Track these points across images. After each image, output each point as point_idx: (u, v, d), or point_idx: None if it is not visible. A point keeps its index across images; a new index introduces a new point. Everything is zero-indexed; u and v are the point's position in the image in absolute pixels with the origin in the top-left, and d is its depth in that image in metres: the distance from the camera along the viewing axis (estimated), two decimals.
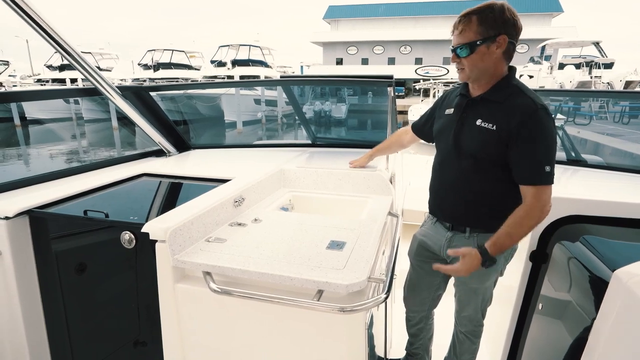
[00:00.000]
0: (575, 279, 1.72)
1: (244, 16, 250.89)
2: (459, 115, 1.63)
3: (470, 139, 1.58)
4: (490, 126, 1.51)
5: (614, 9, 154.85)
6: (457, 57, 1.53)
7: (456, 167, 1.64)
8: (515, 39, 1.49)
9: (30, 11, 1.78)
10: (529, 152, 1.46)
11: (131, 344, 2.18)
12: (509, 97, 1.51)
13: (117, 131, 14.75)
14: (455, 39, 1.51)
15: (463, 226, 1.68)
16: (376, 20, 41.22)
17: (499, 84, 1.55)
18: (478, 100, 1.58)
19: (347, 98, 20.08)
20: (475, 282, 1.73)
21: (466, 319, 1.85)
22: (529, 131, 1.44)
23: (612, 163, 2.68)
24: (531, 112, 1.44)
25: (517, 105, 1.47)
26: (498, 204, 1.60)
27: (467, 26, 1.47)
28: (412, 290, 2.00)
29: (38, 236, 1.73)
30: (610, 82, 16.06)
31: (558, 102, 10.81)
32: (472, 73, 1.54)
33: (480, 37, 1.46)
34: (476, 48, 1.47)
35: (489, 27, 1.45)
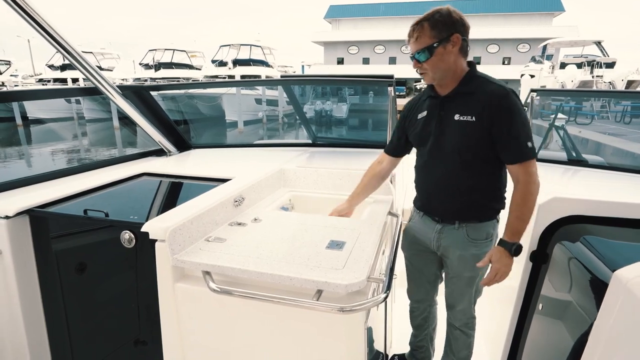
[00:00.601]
0: (575, 279, 1.71)
1: (243, 15, 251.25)
2: (436, 115, 1.69)
3: (452, 135, 1.63)
4: (470, 118, 1.58)
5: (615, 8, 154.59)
6: (418, 63, 1.61)
7: (441, 165, 1.69)
8: (467, 36, 1.59)
9: (31, 11, 1.79)
10: (511, 134, 1.54)
11: (131, 343, 2.18)
12: (478, 87, 1.59)
13: (119, 131, 14.78)
14: (413, 46, 1.60)
15: (452, 219, 1.73)
16: (377, 20, 41.19)
17: (464, 78, 1.63)
18: (451, 96, 1.65)
19: (348, 98, 20.07)
20: (469, 271, 1.75)
21: (461, 312, 1.87)
22: (506, 114, 1.53)
23: (613, 163, 2.67)
24: (503, 97, 1.53)
25: (489, 93, 1.55)
26: (484, 195, 1.68)
27: (421, 32, 1.56)
28: (412, 282, 2.04)
29: (38, 235, 1.73)
30: (612, 82, 16.00)
31: (559, 102, 10.78)
32: (435, 74, 1.62)
33: (436, 39, 1.55)
34: (434, 50, 1.56)
35: (441, 29, 1.55)
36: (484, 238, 1.72)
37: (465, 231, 1.71)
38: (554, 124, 3.82)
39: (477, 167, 1.63)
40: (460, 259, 1.74)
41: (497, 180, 1.67)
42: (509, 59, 39.12)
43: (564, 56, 21.44)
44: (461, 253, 1.73)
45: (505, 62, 39.16)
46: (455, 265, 1.77)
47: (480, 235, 1.71)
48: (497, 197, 1.70)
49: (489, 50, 39.90)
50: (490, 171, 1.64)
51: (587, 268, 1.62)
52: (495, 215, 1.74)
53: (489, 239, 1.73)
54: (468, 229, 1.71)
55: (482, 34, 38.89)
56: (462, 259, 1.73)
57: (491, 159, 1.61)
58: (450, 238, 1.75)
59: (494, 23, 39.61)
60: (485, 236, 1.72)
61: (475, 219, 1.70)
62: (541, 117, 9.78)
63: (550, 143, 3.74)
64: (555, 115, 5.10)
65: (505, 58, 39.33)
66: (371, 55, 40.87)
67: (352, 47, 41.35)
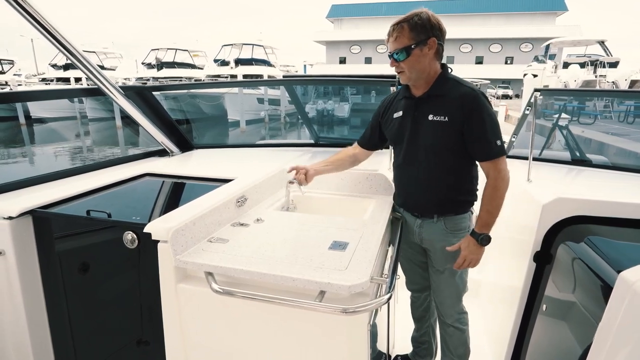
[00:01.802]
0: (579, 280, 1.70)
1: (244, 16, 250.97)
2: (411, 115, 1.77)
3: (426, 134, 1.71)
4: (442, 118, 1.67)
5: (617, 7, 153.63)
6: (395, 62, 1.68)
7: (417, 163, 1.77)
8: (443, 40, 1.68)
9: (33, 11, 1.79)
10: (480, 133, 1.63)
11: (134, 343, 2.18)
12: (450, 89, 1.68)
13: (121, 130, 14.80)
14: (392, 45, 1.67)
15: (430, 214, 1.81)
16: (379, 19, 41.14)
17: (437, 80, 1.71)
18: (424, 98, 1.73)
19: (350, 97, 20.04)
20: (451, 261, 1.81)
21: (450, 307, 1.92)
22: (476, 115, 1.62)
23: (617, 163, 2.65)
24: (473, 99, 1.62)
25: (460, 96, 1.64)
26: (458, 190, 1.77)
27: (401, 33, 1.64)
28: (407, 272, 2.13)
29: (41, 236, 1.73)
30: (615, 81, 15.92)
31: (562, 102, 10.73)
32: (411, 74, 1.69)
33: (414, 41, 1.63)
34: (411, 51, 1.64)
35: (420, 32, 1.62)
36: (461, 229, 1.81)
37: (443, 223, 1.80)
38: (557, 123, 3.80)
39: (450, 164, 1.73)
40: (442, 251, 1.82)
41: (469, 175, 1.77)
42: (511, 58, 39.02)
43: (567, 56, 21.38)
44: (443, 244, 1.81)
45: (507, 62, 39.07)
46: (439, 257, 1.85)
47: (457, 226, 1.80)
48: (470, 191, 1.80)
49: (491, 49, 39.81)
50: (462, 167, 1.74)
51: (592, 269, 1.61)
52: (468, 207, 1.83)
53: (466, 229, 1.81)
54: (446, 222, 1.80)
55: (484, 34, 38.80)
56: (443, 250, 1.81)
57: (463, 156, 1.70)
58: (430, 231, 1.83)
59: (496, 22, 39.51)
60: (463, 227, 1.81)
61: (452, 212, 1.79)
62: (544, 116, 9.74)
63: (554, 143, 3.72)
64: (559, 115, 5.07)
65: (508, 57, 39.24)
66: (373, 55, 40.85)
67: (354, 46, 41.34)
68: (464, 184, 1.78)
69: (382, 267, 1.60)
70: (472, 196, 1.81)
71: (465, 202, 1.80)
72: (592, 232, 1.76)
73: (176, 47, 25.53)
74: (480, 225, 1.70)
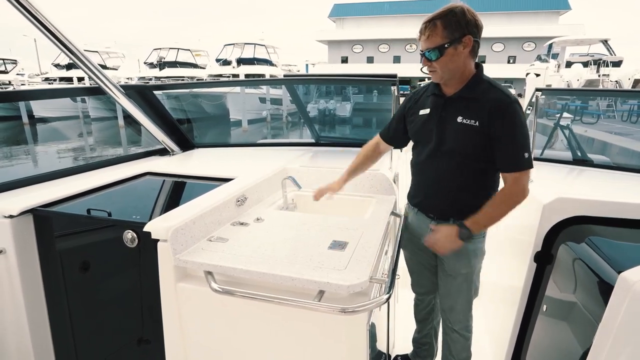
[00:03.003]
0: (580, 280, 1.70)
1: (247, 15, 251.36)
2: (438, 114, 1.69)
3: (453, 136, 1.64)
4: (473, 122, 1.58)
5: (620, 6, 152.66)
6: (428, 61, 1.60)
7: (439, 164, 1.70)
8: (479, 37, 1.57)
9: (35, 11, 1.79)
10: (509, 143, 1.55)
11: (135, 342, 2.19)
12: (483, 92, 1.59)
13: (124, 129, 14.84)
14: (424, 43, 1.58)
15: (447, 217, 1.74)
16: (381, 19, 41.09)
17: (471, 81, 1.62)
18: (455, 98, 1.65)
19: (352, 97, 20.04)
20: (465, 266, 1.76)
21: (460, 313, 1.86)
22: (507, 123, 1.54)
23: (619, 163, 2.64)
24: (507, 106, 1.53)
25: (493, 100, 1.55)
26: (480, 196, 1.67)
27: (433, 31, 1.54)
28: (415, 274, 2.07)
29: (42, 234, 1.74)
30: (618, 81, 15.85)
31: (565, 101, 10.70)
32: (444, 74, 1.61)
33: (447, 40, 1.53)
34: (445, 51, 1.54)
35: (454, 30, 1.52)
36: (476, 236, 1.72)
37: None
38: (559, 123, 3.80)
39: (474, 169, 1.65)
40: (456, 255, 1.73)
41: (491, 181, 1.70)
42: (514, 57, 38.90)
43: (570, 55, 21.28)
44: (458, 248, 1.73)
45: (510, 61, 38.95)
46: (452, 263, 1.78)
47: None
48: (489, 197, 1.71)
49: (494, 48, 39.68)
50: (485, 173, 1.67)
51: (592, 269, 1.60)
52: None
53: (482, 235, 1.75)
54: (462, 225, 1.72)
55: (487, 33, 38.49)
56: (457, 254, 1.73)
57: (488, 162, 1.63)
58: None
59: (499, 21, 39.37)
60: (478, 234, 1.73)
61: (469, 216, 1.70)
62: (546, 116, 9.71)
63: (556, 142, 3.71)
64: (561, 115, 5.06)
65: (511, 57, 39.12)
66: (375, 54, 40.79)
67: (356, 46, 41.29)
68: (485, 191, 1.68)
69: (382, 267, 1.60)
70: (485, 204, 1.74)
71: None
72: (593, 232, 1.75)
73: (178, 46, 25.60)
74: (472, 222, 1.62)
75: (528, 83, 18.08)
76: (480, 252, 1.78)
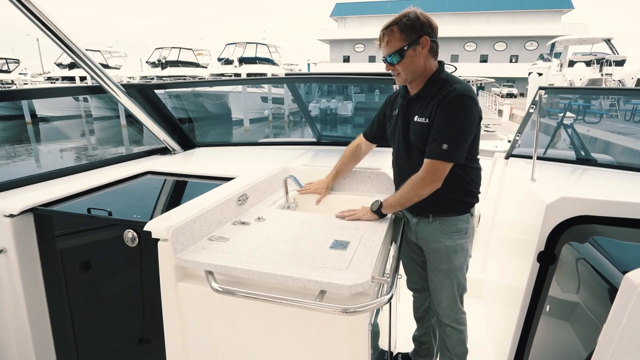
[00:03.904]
0: (584, 281, 1.68)
1: (251, 15, 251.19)
2: (402, 115, 1.79)
3: (413, 135, 1.73)
4: (424, 120, 1.67)
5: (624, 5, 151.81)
6: (390, 65, 1.68)
7: (409, 162, 1.77)
8: (435, 37, 1.66)
9: (36, 10, 1.79)
10: (436, 130, 1.62)
11: (136, 341, 2.18)
12: (439, 90, 1.65)
13: (126, 128, 14.87)
14: (385, 49, 1.67)
15: (426, 213, 1.80)
16: (383, 18, 40.73)
17: (430, 80, 1.70)
18: (415, 99, 1.74)
19: (353, 96, 20.01)
20: (445, 262, 1.80)
21: (447, 308, 1.89)
22: (442, 113, 1.60)
23: (622, 162, 2.62)
24: (450, 98, 1.59)
25: (442, 95, 1.62)
26: (452, 191, 1.72)
27: (391, 36, 1.62)
28: (408, 271, 2.12)
29: (42, 233, 1.73)
30: (621, 80, 15.80)
31: (568, 100, 10.65)
32: (407, 76, 1.69)
33: (406, 42, 1.61)
34: (404, 53, 1.63)
35: (410, 32, 1.61)
36: (457, 231, 1.78)
37: (438, 224, 1.78)
38: (562, 122, 3.78)
39: None
40: (435, 251, 1.81)
41: (466, 176, 1.73)
42: (516, 56, 38.81)
43: (572, 54, 21.24)
44: (436, 245, 1.79)
45: (512, 60, 38.86)
46: (432, 258, 1.84)
47: (452, 228, 1.77)
48: (468, 192, 1.76)
49: (496, 48, 39.60)
50: (456, 168, 1.67)
51: (596, 270, 1.59)
52: (467, 209, 1.79)
53: (462, 231, 1.79)
54: (441, 222, 1.77)
55: (489, 32, 38.57)
56: (437, 251, 1.80)
57: None
58: (425, 230, 1.82)
59: (501, 20, 39.27)
60: (459, 229, 1.77)
61: (448, 212, 1.76)
62: (549, 115, 9.68)
63: (559, 142, 3.69)
64: (564, 114, 5.03)
65: (513, 56, 39.03)
66: (377, 53, 40.62)
67: (358, 45, 41.28)
68: (460, 185, 1.73)
69: (383, 267, 1.59)
70: (470, 197, 1.78)
71: (462, 202, 1.77)
72: (597, 232, 1.74)
73: (180, 45, 25.61)
74: (387, 204, 1.71)
75: (530, 82, 18.02)
76: (460, 249, 1.80)
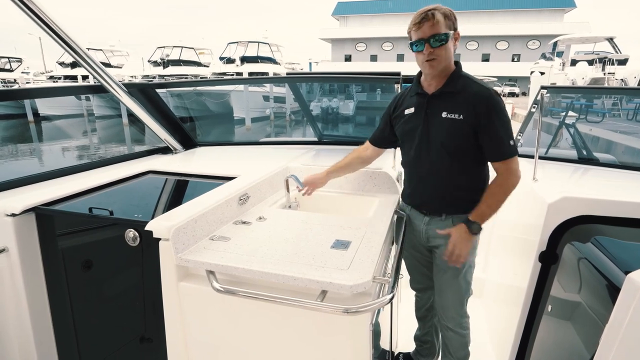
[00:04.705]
0: (586, 281, 1.68)
1: (250, 14, 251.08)
2: (423, 112, 1.74)
3: (439, 131, 1.68)
4: (457, 116, 1.64)
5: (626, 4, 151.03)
6: (430, 47, 1.59)
7: (428, 160, 1.74)
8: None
9: (38, 9, 1.79)
10: (495, 133, 1.61)
11: (137, 340, 2.19)
12: (464, 87, 1.65)
13: (128, 127, 14.89)
14: (429, 29, 1.57)
15: (439, 212, 1.79)
16: (385, 17, 40.96)
17: (452, 76, 1.68)
18: (437, 95, 1.70)
19: (355, 95, 19.99)
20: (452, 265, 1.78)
21: (451, 310, 1.88)
22: (490, 114, 1.59)
23: (625, 161, 2.61)
24: (488, 98, 1.60)
25: (475, 94, 1.62)
26: (468, 190, 1.73)
27: (437, 19, 1.57)
28: (412, 271, 2.10)
29: (44, 233, 1.74)
30: (624, 79, 15.74)
31: (570, 99, 10.61)
32: (442, 63, 1.63)
33: (449, 30, 1.59)
34: (448, 38, 1.59)
35: (450, 22, 1.60)
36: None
37: (451, 222, 1.76)
38: (564, 121, 3.76)
39: (462, 163, 1.69)
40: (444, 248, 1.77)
41: (481, 175, 1.74)
42: (518, 55, 38.69)
43: (575, 53, 21.15)
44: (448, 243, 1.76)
45: (514, 59, 38.75)
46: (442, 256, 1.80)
47: None
48: (481, 191, 1.74)
49: (498, 47, 39.48)
50: (474, 166, 1.71)
51: (598, 269, 1.59)
52: None
53: None
54: (454, 221, 1.75)
55: (491, 31, 38.45)
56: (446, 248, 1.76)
57: (475, 154, 1.68)
58: (437, 229, 1.80)
59: (503, 19, 39.15)
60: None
61: (461, 211, 1.73)
62: (551, 114, 9.65)
63: (561, 141, 3.68)
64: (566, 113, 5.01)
65: (515, 55, 38.91)
66: (379, 52, 40.70)
67: (359, 44, 41.21)
68: (475, 183, 1.73)
69: (385, 267, 1.58)
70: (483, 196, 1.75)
71: (475, 201, 1.73)
72: (599, 232, 1.73)
73: (182, 44, 25.60)
74: (476, 215, 1.67)
75: (532, 81, 17.97)
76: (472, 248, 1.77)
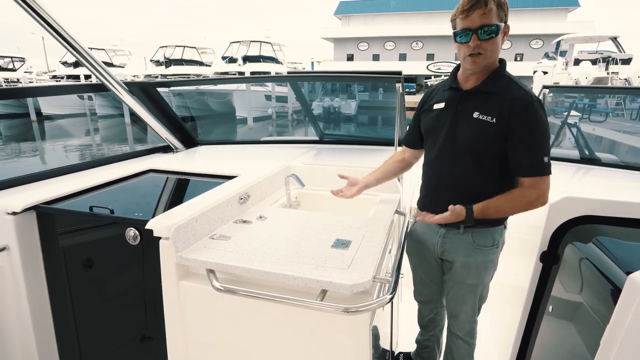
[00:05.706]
0: (587, 281, 1.67)
1: (253, 13, 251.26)
2: (453, 108, 1.57)
3: (467, 132, 1.52)
4: (489, 118, 1.47)
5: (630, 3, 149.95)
6: (477, 39, 1.41)
7: (452, 163, 1.58)
8: None
9: (39, 9, 1.79)
10: (528, 145, 1.43)
11: (137, 339, 2.19)
12: (503, 88, 1.48)
13: (130, 127, 14.93)
14: (478, 19, 1.39)
15: (457, 223, 1.59)
16: (387, 16, 40.85)
17: (492, 74, 1.51)
18: (473, 92, 1.53)
19: (357, 94, 19.98)
20: (472, 278, 1.66)
21: (464, 321, 1.78)
22: (527, 123, 1.42)
23: (627, 162, 2.59)
24: (528, 105, 1.42)
25: (515, 98, 1.44)
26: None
27: (489, 8, 1.38)
28: (418, 284, 1.99)
29: (45, 231, 1.74)
30: (627, 78, 15.67)
31: (573, 99, 10.58)
32: (489, 58, 1.46)
33: (500, 22, 1.41)
34: (499, 30, 1.41)
35: (503, 14, 1.41)
36: (490, 245, 1.62)
37: (470, 236, 1.61)
38: (566, 121, 3.75)
39: (487, 170, 1.53)
40: (464, 266, 1.65)
41: (508, 185, 1.54)
42: (521, 55, 38.54)
43: (578, 52, 21.06)
44: (465, 260, 1.64)
45: (517, 59, 38.60)
46: (459, 272, 1.68)
47: (486, 241, 1.62)
48: None
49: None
50: (500, 175, 1.53)
51: (600, 270, 1.58)
52: (502, 221, 1.65)
53: (495, 245, 1.64)
54: (474, 235, 1.61)
55: None
56: (466, 265, 1.64)
57: (502, 164, 1.51)
58: (454, 243, 1.66)
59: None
60: (492, 242, 1.62)
61: (482, 224, 1.56)
62: (554, 114, 9.62)
63: (563, 141, 3.66)
64: (568, 113, 5.00)
65: (518, 54, 38.76)
66: (381, 52, 40.61)
67: (362, 43, 41.13)
68: (498, 194, 1.51)
69: (385, 266, 1.58)
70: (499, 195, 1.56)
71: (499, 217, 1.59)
72: (601, 232, 1.72)
73: (184, 44, 25.63)
74: (481, 211, 1.48)
75: (535, 81, 17.91)
76: (492, 265, 1.67)
